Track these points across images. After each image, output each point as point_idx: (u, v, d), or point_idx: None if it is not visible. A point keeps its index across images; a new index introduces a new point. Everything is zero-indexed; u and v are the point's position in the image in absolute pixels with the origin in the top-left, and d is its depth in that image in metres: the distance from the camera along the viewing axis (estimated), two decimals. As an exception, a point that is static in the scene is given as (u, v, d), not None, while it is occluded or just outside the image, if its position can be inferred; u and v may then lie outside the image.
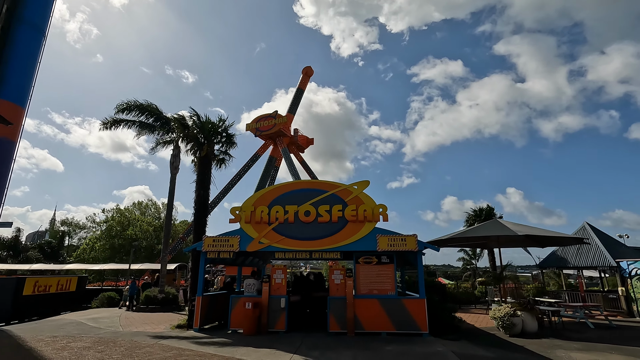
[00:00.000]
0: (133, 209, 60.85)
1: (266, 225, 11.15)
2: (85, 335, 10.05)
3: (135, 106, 18.49)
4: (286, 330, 10.43)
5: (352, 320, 10.19)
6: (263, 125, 37.09)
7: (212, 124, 12.78)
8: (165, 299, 16.93)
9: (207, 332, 10.66)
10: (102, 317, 14.22)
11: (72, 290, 18.58)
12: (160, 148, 21.14)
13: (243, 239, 11.09)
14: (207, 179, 12.94)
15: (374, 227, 10.80)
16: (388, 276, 10.65)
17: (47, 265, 27.72)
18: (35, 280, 15.99)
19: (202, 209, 12.54)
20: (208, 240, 11.19)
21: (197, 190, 12.66)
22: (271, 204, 11.33)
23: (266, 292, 10.72)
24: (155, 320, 13.48)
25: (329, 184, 11.45)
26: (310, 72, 42.82)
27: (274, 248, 10.96)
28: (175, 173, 19.33)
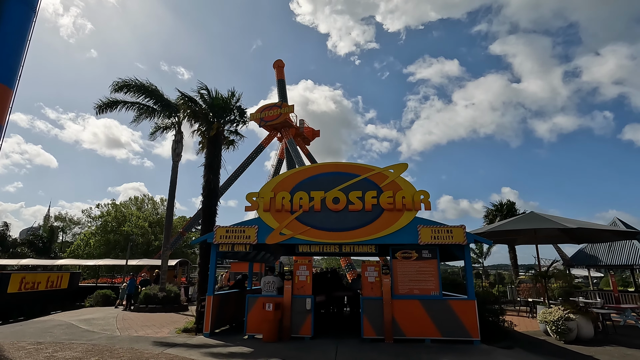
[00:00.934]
0: (129, 204, 59.07)
1: (288, 214, 9.62)
2: (75, 341, 8.48)
3: (134, 85, 16.86)
4: (312, 335, 8.94)
5: (390, 324, 8.70)
6: (268, 115, 35.33)
7: (223, 99, 11.22)
8: (167, 297, 15.36)
9: (219, 337, 9.13)
10: (97, 318, 12.63)
11: (63, 287, 16.97)
12: (159, 134, 19.61)
13: (261, 230, 9.56)
14: (217, 162, 11.40)
15: (414, 217, 9.31)
16: (431, 273, 9.17)
17: (38, 260, 26.02)
18: (21, 277, 14.37)
19: (211, 195, 10.99)
20: (220, 231, 9.65)
21: (206, 175, 11.11)
22: (294, 190, 9.80)
23: (289, 291, 9.20)
24: (156, 321, 11.92)
25: (360, 166, 9.93)
26: (281, 64, 41.88)
27: (297, 240, 9.44)
28: (177, 160, 17.72)
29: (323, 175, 9.89)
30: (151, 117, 18.64)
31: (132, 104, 17.42)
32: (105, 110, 17.41)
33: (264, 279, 9.80)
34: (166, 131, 19.36)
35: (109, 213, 53.93)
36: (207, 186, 10.99)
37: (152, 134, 19.63)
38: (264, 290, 9.61)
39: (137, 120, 18.60)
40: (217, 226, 9.74)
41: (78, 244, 53.76)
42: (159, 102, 17.79)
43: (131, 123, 18.80)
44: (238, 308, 11.46)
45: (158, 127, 19.26)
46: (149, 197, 61.91)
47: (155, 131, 19.37)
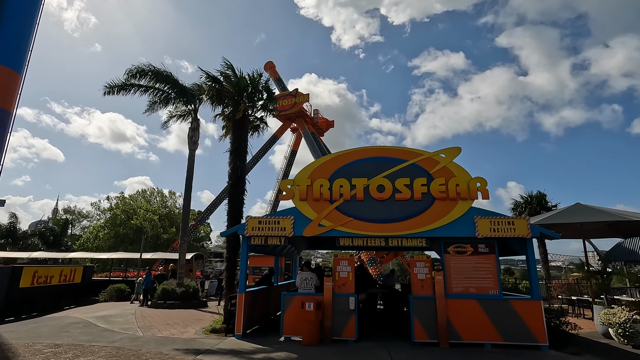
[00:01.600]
0: (137, 197, 58.63)
1: (327, 204, 8.66)
2: (96, 343, 7.65)
3: (149, 72, 15.95)
4: (357, 338, 8.03)
5: (445, 327, 7.76)
6: (281, 105, 34.04)
7: (250, 79, 10.23)
8: (185, 293, 14.56)
9: (253, 339, 8.25)
10: (114, 315, 11.85)
11: (76, 281, 16.24)
12: (173, 122, 18.70)
13: (298, 221, 8.62)
14: (243, 147, 10.45)
15: (470, 207, 8.31)
16: (489, 270, 8.19)
17: (48, 253, 25.38)
18: (34, 270, 13.63)
19: (238, 183, 10.06)
20: (252, 222, 8.72)
21: (232, 161, 10.17)
22: (333, 177, 8.84)
23: (329, 289, 8.28)
24: (178, 319, 11.10)
25: (407, 150, 8.93)
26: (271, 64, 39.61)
27: (338, 232, 8.49)
28: (194, 149, 16.82)
29: (365, 161, 8.90)
30: (165, 105, 17.74)
31: (146, 88, 16.49)
32: (117, 92, 16.46)
33: (301, 274, 8.88)
34: (181, 119, 18.46)
35: (117, 206, 53.53)
36: (233, 173, 10.05)
37: (165, 122, 18.72)
38: (301, 288, 8.69)
39: (150, 109, 17.71)
40: (249, 217, 8.82)
41: (87, 237, 53.51)
42: (175, 89, 16.87)
43: (144, 113, 17.81)
44: (267, 306, 10.61)
45: (172, 115, 18.35)
46: (157, 190, 61.44)
47: (169, 119, 18.47)
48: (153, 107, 17.65)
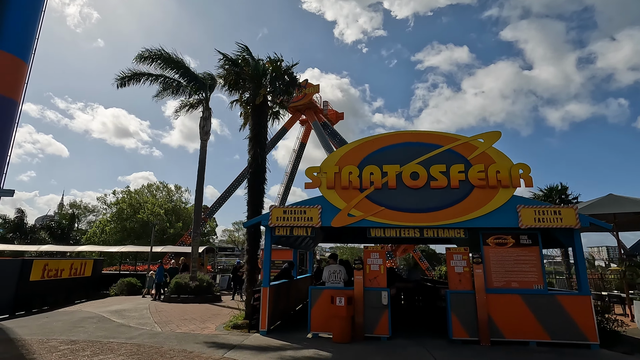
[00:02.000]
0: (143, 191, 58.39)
1: (357, 192, 8.11)
2: (114, 339, 7.18)
3: (160, 56, 15.39)
4: (390, 335, 7.51)
5: (486, 323, 7.22)
6: None
7: (272, 62, 9.64)
8: (199, 287, 14.12)
9: (278, 336, 7.76)
10: (128, 310, 11.42)
11: (87, 275, 15.86)
12: (184, 112, 18.16)
13: (326, 211, 8.08)
14: (263, 134, 9.91)
15: (512, 195, 7.73)
16: (532, 263, 7.63)
17: (57, 246, 25.08)
18: (44, 263, 13.22)
19: (258, 172, 9.52)
20: (277, 212, 8.19)
21: (252, 148, 9.62)
22: (363, 163, 8.27)
23: (360, 282, 7.75)
24: (195, 314, 10.65)
25: (442, 135, 8.33)
26: None
27: (369, 223, 7.94)
28: (206, 139, 16.30)
29: (397, 147, 8.31)
30: (175, 94, 17.22)
31: (157, 76, 15.97)
32: (127, 83, 16.00)
33: (328, 268, 8.36)
34: (191, 109, 17.92)
35: (123, 200, 53.34)
36: (253, 161, 9.51)
37: (176, 112, 18.19)
38: (329, 281, 8.17)
39: (160, 95, 17.19)
40: (273, 206, 8.28)
41: (94, 231, 53.45)
42: (185, 76, 16.31)
43: (154, 97, 17.27)
44: (288, 301, 10.12)
45: (183, 105, 17.81)
46: (163, 185, 61.16)
47: (179, 109, 17.93)
48: (163, 94, 17.13)
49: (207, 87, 16.57)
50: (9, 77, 16.61)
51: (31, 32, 18.25)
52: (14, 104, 16.78)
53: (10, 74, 16.65)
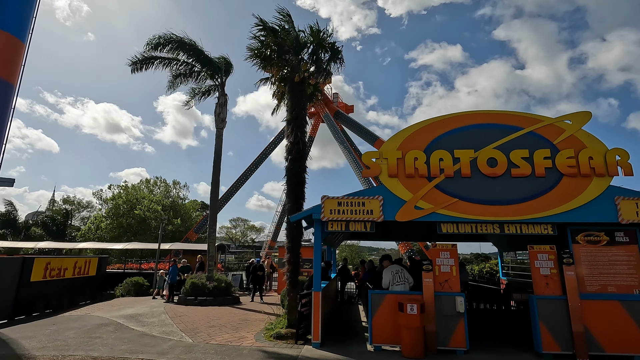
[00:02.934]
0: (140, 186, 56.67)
1: (424, 181, 6.98)
2: (143, 354, 5.98)
3: (173, 40, 14.13)
4: (468, 348, 6.42)
5: (582, 335, 6.16)
6: None
7: (316, 33, 8.43)
8: (217, 288, 12.91)
9: (334, 348, 6.62)
10: (143, 314, 10.19)
11: (91, 274, 14.55)
12: (197, 100, 16.86)
13: (388, 202, 6.94)
14: (303, 115, 8.72)
15: (608, 185, 6.66)
16: (630, 264, 6.58)
17: (55, 243, 23.57)
18: (46, 262, 11.90)
19: (299, 157, 8.34)
20: (330, 204, 7.03)
21: (292, 132, 8.43)
22: (430, 148, 7.14)
23: (430, 286, 6.64)
24: (222, 320, 9.46)
25: (522, 116, 7.22)
26: None
27: (441, 217, 6.82)
28: (222, 127, 15.03)
29: (469, 128, 7.20)
30: (187, 79, 15.93)
31: (170, 60, 14.67)
32: (141, 68, 14.70)
33: (390, 268, 7.23)
34: (204, 96, 16.63)
35: (120, 196, 51.66)
36: (293, 146, 8.32)
37: (189, 100, 16.86)
38: (393, 283, 7.04)
39: (172, 86, 15.92)
40: (325, 197, 7.12)
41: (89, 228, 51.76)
42: (199, 60, 15.02)
43: (168, 91, 16.05)
44: (333, 305, 8.98)
45: (196, 92, 16.50)
46: (161, 180, 59.50)
47: (192, 97, 16.62)
48: (175, 83, 15.85)
49: (222, 71, 15.30)
50: (6, 58, 15.17)
51: (28, 10, 16.78)
52: (9, 88, 15.32)
53: (7, 55, 15.20)
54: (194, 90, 16.58)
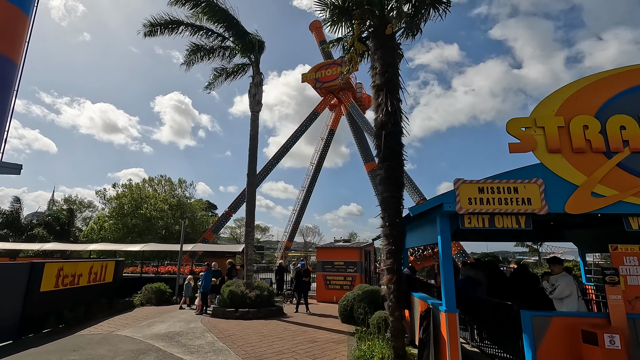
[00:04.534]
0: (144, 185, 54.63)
1: (601, 157, 5.01)
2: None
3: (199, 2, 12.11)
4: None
5: None
6: (324, 76, 29.69)
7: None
8: (259, 297, 10.93)
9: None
10: (181, 333, 8.21)
11: (108, 280, 12.54)
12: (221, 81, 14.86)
13: (551, 187, 4.96)
14: (397, 78, 6.73)
15: None
16: None
17: (62, 244, 21.50)
18: (58, 268, 9.90)
19: (396, 133, 6.35)
20: (468, 190, 5.06)
21: (385, 99, 6.43)
22: (603, 111, 5.16)
23: (619, 307, 4.67)
24: (285, 342, 7.47)
25: None
26: (318, 24, 33.98)
27: (630, 207, 4.85)
28: (257, 110, 13.05)
29: (658, 85, 5.22)
30: (211, 56, 13.94)
31: (196, 27, 12.69)
32: (156, 32, 12.69)
33: (565, 279, 5.24)
34: (231, 78, 14.65)
35: (124, 195, 49.64)
36: (388, 117, 6.33)
37: (211, 82, 14.88)
38: (568, 298, 5.05)
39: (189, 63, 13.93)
40: (461, 180, 5.14)
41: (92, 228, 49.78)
42: (232, 30, 13.04)
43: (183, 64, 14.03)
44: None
45: (221, 72, 14.52)
46: (165, 178, 57.49)
47: (216, 77, 14.63)
48: (192, 60, 13.86)
49: (257, 47, 13.32)
50: (7, 32, 13.18)
51: (32, -20, 14.77)
52: (11, 65, 13.33)
53: (8, 28, 13.21)
54: (218, 70, 14.60)
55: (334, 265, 14.78)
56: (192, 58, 13.92)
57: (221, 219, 26.81)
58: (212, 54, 13.95)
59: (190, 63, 14.06)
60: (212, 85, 15.01)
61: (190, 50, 13.71)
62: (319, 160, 32.89)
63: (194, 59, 13.98)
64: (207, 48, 13.71)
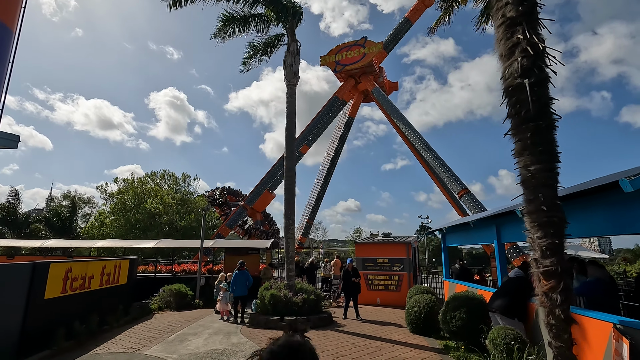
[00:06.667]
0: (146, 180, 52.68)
1: None
2: None
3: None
4: None
5: None
6: (346, 58, 27.41)
7: None
8: (306, 302, 9.16)
9: None
10: (225, 352, 6.44)
11: (122, 282, 10.72)
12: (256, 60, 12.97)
13: None
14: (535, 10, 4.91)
15: None
16: None
17: (65, 241, 19.52)
18: (65, 268, 8.07)
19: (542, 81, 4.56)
20: None
21: (526, 37, 4.62)
22: None
23: None
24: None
25: None
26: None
27: None
28: (294, 83, 11.23)
29: None
30: (246, 28, 12.09)
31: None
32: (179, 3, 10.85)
33: None
34: (268, 52, 12.74)
35: (126, 190, 47.74)
36: (530, 62, 4.52)
37: (247, 60, 12.93)
38: None
39: (222, 34, 12.08)
40: None
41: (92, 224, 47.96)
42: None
43: (214, 36, 12.16)
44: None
45: (257, 47, 12.59)
46: (168, 173, 55.53)
47: (252, 54, 12.71)
48: (225, 30, 11.99)
49: (292, 13, 11.46)
50: (0, -7, 11.25)
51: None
52: (7, 31, 11.42)
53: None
54: (254, 48, 12.66)
55: (377, 262, 13.01)
56: (225, 30, 12.04)
57: (237, 212, 24.84)
58: (246, 25, 12.07)
59: (225, 35, 12.20)
60: (248, 63, 13.09)
61: (222, 20, 11.86)
62: (335, 150, 30.94)
63: (227, 32, 12.10)
64: (240, 17, 11.85)
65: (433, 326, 7.97)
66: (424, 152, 21.68)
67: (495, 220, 7.08)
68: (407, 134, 23.16)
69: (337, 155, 31.17)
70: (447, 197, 29.54)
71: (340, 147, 31.65)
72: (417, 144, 22.05)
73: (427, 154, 21.39)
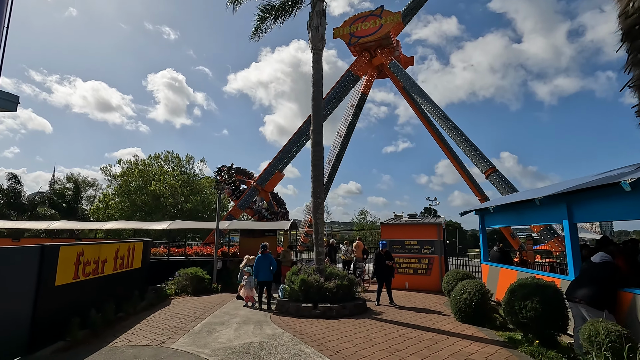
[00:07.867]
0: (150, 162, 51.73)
1: None
2: None
3: None
4: None
5: None
6: (361, 29, 25.68)
7: None
8: (340, 287, 8.37)
9: None
10: (267, 347, 5.68)
11: (136, 266, 9.95)
12: (270, 23, 11.73)
13: None
14: None
15: None
16: None
17: (73, 222, 18.74)
18: (77, 251, 7.26)
19: None
20: None
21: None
22: None
23: None
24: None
25: None
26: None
27: None
28: (320, 47, 10.11)
29: None
30: None
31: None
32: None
33: None
34: (283, 15, 11.47)
35: (130, 171, 46.93)
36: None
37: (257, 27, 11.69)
38: None
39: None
40: None
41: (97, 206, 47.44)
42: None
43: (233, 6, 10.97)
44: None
45: (269, 9, 11.31)
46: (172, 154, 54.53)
47: (265, 17, 11.44)
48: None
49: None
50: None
51: None
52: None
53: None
54: (265, 9, 11.38)
55: (405, 245, 12.20)
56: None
57: (249, 192, 23.92)
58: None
59: None
60: (259, 30, 11.84)
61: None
62: (347, 129, 29.76)
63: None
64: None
65: (485, 315, 7.21)
66: (447, 129, 20.53)
67: (567, 197, 6.17)
68: (428, 110, 21.92)
69: (350, 134, 29.96)
70: (464, 176, 28.56)
71: (352, 125, 30.44)
72: (440, 120, 20.84)
73: (451, 131, 20.22)
